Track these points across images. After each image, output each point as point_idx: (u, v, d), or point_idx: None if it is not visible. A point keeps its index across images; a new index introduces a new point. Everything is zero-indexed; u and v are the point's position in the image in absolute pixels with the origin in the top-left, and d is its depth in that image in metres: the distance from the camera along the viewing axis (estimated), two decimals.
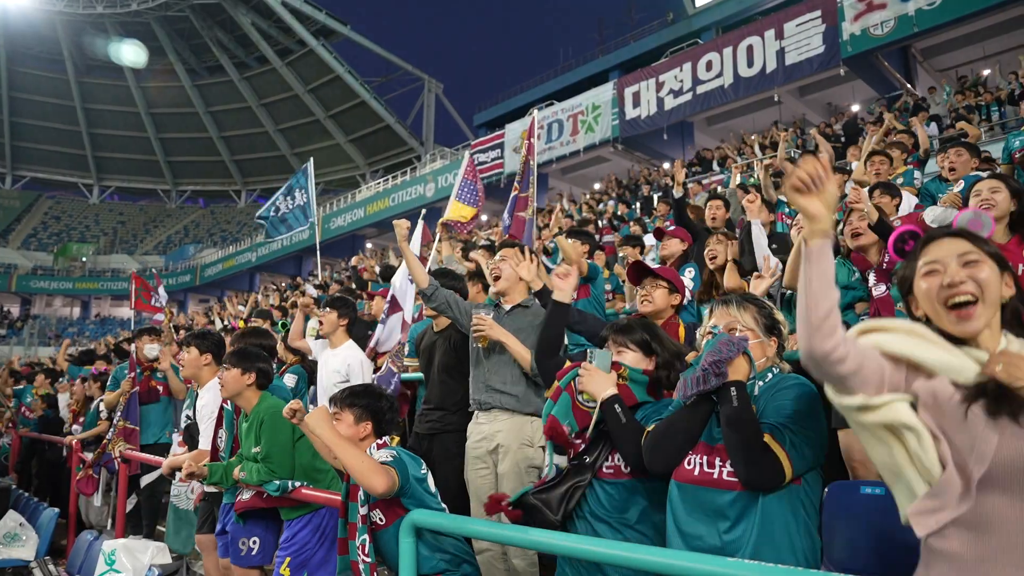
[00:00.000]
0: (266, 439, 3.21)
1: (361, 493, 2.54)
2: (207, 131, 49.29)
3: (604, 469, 2.15)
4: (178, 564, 4.86)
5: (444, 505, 2.72)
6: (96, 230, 48.57)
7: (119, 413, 5.70)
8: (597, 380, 2.17)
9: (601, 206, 16.05)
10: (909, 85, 17.81)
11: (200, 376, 4.05)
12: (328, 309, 4.33)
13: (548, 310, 2.69)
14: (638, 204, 14.96)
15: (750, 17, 20.27)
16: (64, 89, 47.52)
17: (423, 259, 5.96)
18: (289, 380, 5.01)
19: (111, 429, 5.74)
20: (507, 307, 3.42)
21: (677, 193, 5.49)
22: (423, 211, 6.78)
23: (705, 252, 4.32)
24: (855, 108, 17.56)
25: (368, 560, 2.49)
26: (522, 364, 3.18)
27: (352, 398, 2.75)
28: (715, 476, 1.84)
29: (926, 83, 17.93)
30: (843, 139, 13.11)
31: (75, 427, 7.30)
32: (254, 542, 3.38)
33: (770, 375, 1.97)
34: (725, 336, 1.93)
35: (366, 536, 2.52)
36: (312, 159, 11.36)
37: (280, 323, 6.90)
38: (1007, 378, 1.27)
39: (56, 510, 5.97)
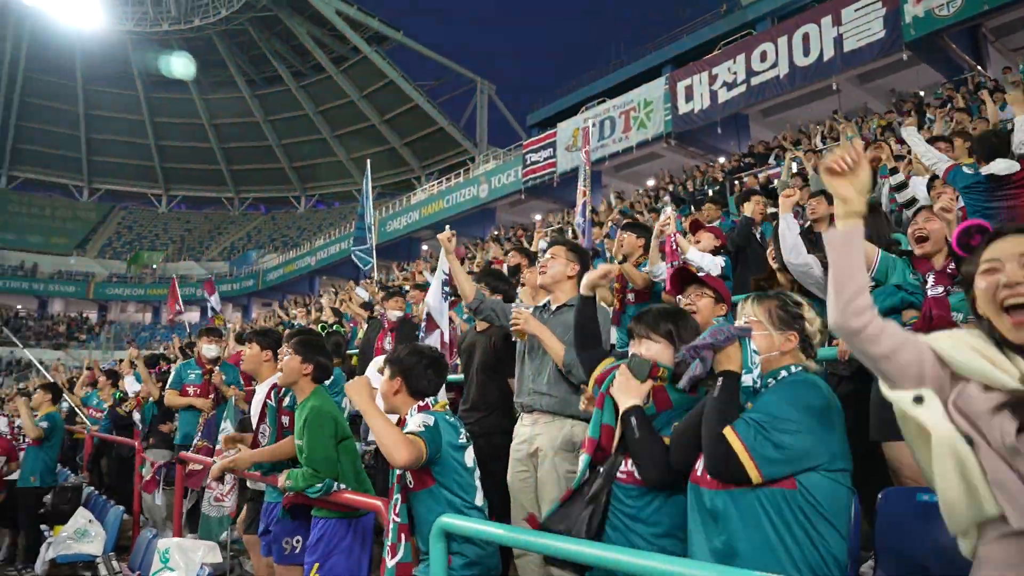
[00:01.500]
0: (308, 439, 3.23)
1: None
2: (267, 139, 50.68)
3: (619, 474, 2.09)
4: (230, 563, 4.99)
5: (478, 483, 2.70)
6: (165, 238, 50.52)
7: (199, 433, 5.83)
8: (625, 388, 2.10)
9: (659, 204, 15.81)
10: (980, 67, 16.97)
11: (260, 372, 4.09)
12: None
13: (579, 304, 2.64)
14: (690, 201, 14.69)
15: (805, 5, 19.68)
16: (134, 104, 49.61)
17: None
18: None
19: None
20: (554, 306, 3.37)
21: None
22: (447, 227, 6.80)
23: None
24: (921, 94, 16.85)
25: (398, 520, 2.55)
26: (556, 360, 3.13)
27: (392, 354, 2.83)
28: (698, 473, 1.81)
29: (999, 64, 17.05)
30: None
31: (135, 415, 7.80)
32: (297, 541, 3.41)
33: (784, 373, 1.86)
34: (723, 324, 1.88)
35: (398, 497, 2.58)
36: (369, 162, 11.60)
37: (323, 325, 7.03)
38: None
39: (122, 508, 6.21)
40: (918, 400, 1.31)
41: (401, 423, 2.71)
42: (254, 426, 3.94)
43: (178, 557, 4.09)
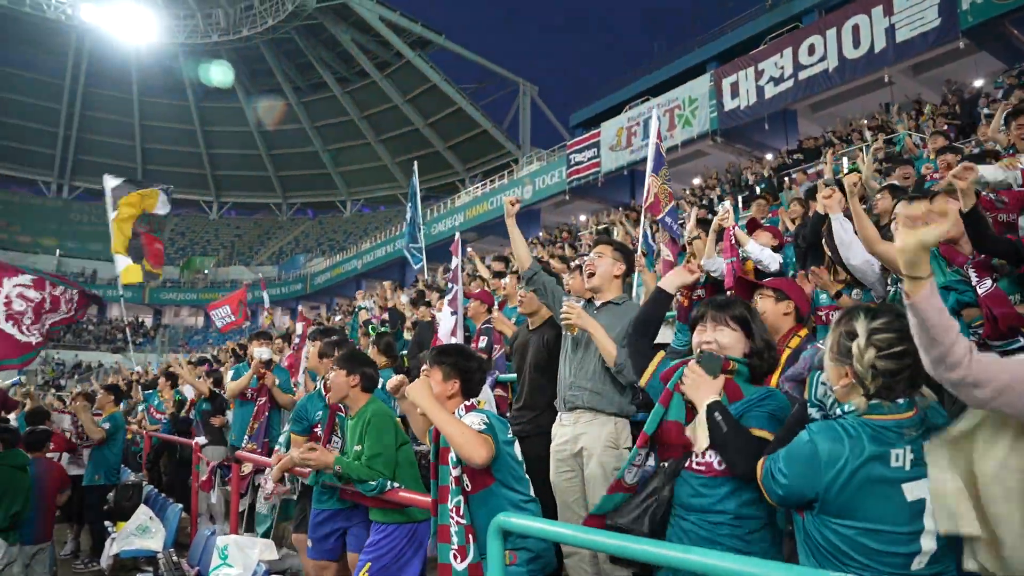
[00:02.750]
0: (371, 440, 3.29)
1: (452, 455, 2.54)
2: (313, 145, 51.56)
3: (695, 464, 2.05)
4: (289, 562, 5.09)
5: (527, 476, 2.71)
6: (216, 244, 51.83)
7: (248, 438, 5.97)
8: (702, 385, 2.06)
9: (706, 201, 15.62)
10: None
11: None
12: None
13: (651, 295, 2.59)
14: (740, 198, 14.47)
15: None
16: (186, 114, 51.02)
17: (454, 273, 6.01)
18: None
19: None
20: (598, 303, 3.37)
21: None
22: (457, 234, 6.89)
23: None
24: (979, 83, 16.28)
25: (463, 522, 2.50)
26: (607, 359, 3.12)
27: (441, 356, 2.78)
28: None
29: None
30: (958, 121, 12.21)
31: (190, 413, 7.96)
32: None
33: (839, 411, 1.84)
34: (810, 352, 1.97)
35: (460, 498, 2.53)
36: (416, 163, 11.80)
37: (372, 327, 7.10)
38: None
39: (180, 506, 6.39)
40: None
41: None
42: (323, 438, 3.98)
43: (236, 554, 4.19)
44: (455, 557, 2.48)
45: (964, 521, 1.52)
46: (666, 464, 2.10)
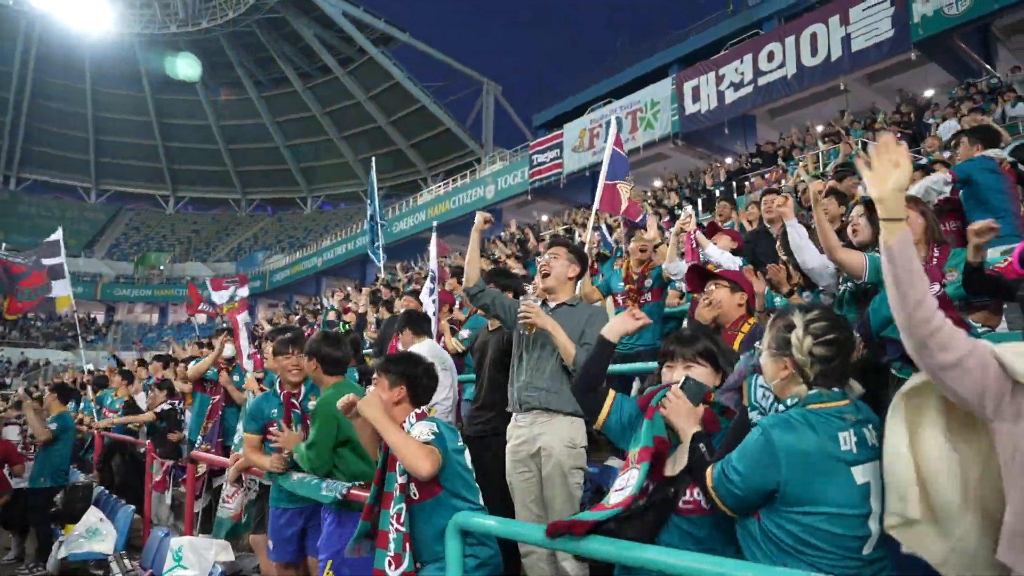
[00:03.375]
0: (313, 429, 3.29)
1: (400, 463, 2.54)
2: (274, 141, 50.83)
3: (682, 504, 2.05)
4: (248, 564, 5.01)
5: (477, 485, 2.70)
6: (172, 239, 50.74)
7: (201, 438, 5.85)
8: (682, 412, 2.08)
9: (666, 202, 15.80)
10: (989, 67, 16.90)
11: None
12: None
13: (594, 346, 2.54)
14: (700, 201, 14.69)
15: (813, 5, 19.63)
16: (142, 106, 49.82)
17: (442, 271, 6.00)
18: None
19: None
20: (552, 305, 3.39)
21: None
22: (434, 223, 6.87)
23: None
24: (929, 93, 16.79)
25: (402, 530, 2.50)
26: (566, 359, 3.13)
27: (388, 363, 2.79)
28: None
29: (1008, 64, 16.98)
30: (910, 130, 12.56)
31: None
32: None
33: (788, 402, 1.87)
34: (744, 361, 1.99)
35: (403, 506, 2.54)
36: (374, 159, 11.74)
37: (343, 323, 7.04)
38: None
39: (132, 507, 6.23)
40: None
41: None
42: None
43: (191, 556, 4.10)
44: (390, 564, 2.48)
45: (911, 506, 1.57)
46: (672, 490, 2.08)
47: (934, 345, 1.41)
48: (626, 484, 2.02)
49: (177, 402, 7.27)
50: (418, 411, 2.71)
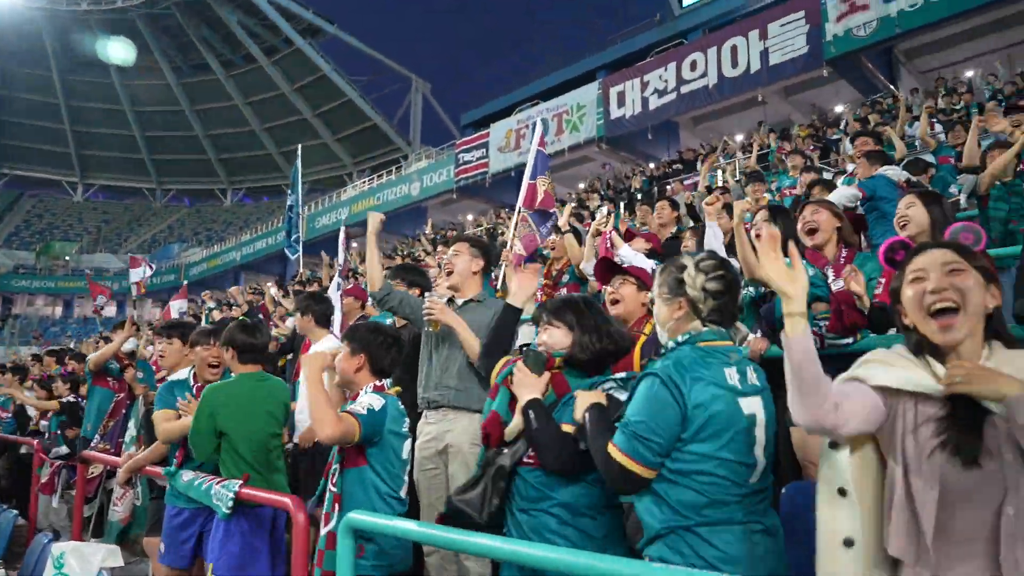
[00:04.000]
0: (193, 418, 3.20)
1: None
2: (193, 129, 49.00)
3: (525, 458, 2.12)
4: (137, 569, 4.76)
5: (406, 477, 2.72)
6: (79, 228, 48.12)
7: (99, 436, 5.54)
8: (524, 383, 2.15)
9: (592, 206, 15.97)
10: (892, 86, 17.84)
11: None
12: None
13: (499, 312, 2.61)
14: (622, 204, 14.90)
15: (735, 18, 20.27)
16: (47, 86, 47.07)
17: (346, 265, 5.91)
18: None
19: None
20: (459, 301, 3.36)
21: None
22: (343, 221, 6.71)
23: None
24: (839, 109, 17.57)
25: (334, 490, 2.57)
26: (470, 354, 3.12)
27: (351, 332, 2.83)
28: None
29: (909, 84, 17.97)
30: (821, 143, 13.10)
31: (43, 422, 7.26)
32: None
33: (679, 339, 1.93)
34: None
35: (337, 467, 2.60)
36: (299, 147, 11.40)
37: (246, 314, 6.81)
38: (961, 388, 1.34)
39: (15, 512, 5.83)
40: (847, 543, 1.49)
41: (355, 397, 2.70)
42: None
43: (74, 562, 3.85)
44: (324, 519, 2.56)
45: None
46: (504, 451, 2.15)
47: (837, 427, 1.46)
48: None
49: (83, 400, 6.88)
50: (377, 383, 2.73)
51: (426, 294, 3.41)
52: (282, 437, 3.43)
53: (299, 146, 10.64)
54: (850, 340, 2.83)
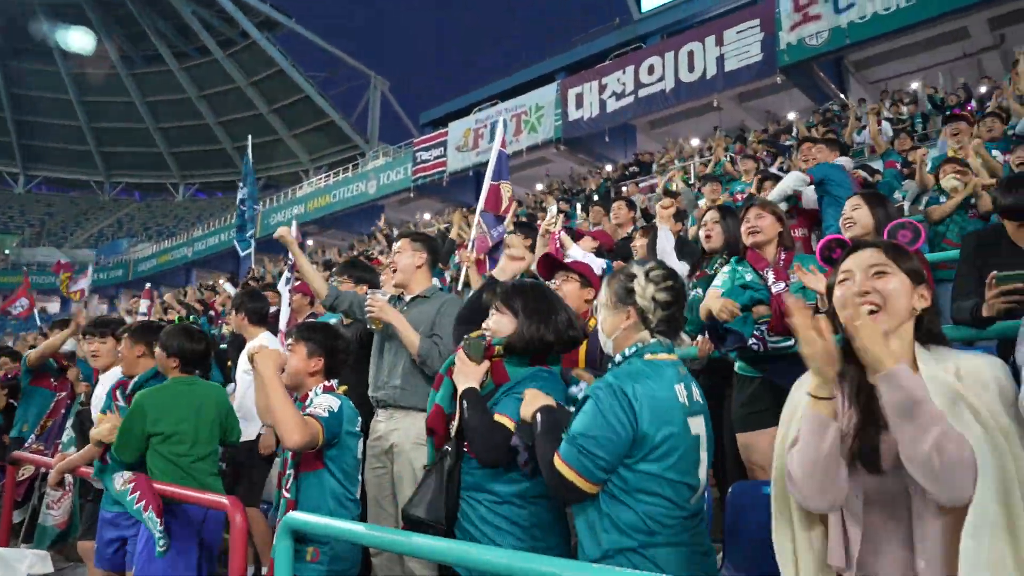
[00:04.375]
0: (124, 417, 3.11)
1: None
2: (144, 122, 47.71)
3: (465, 449, 2.09)
4: (72, 575, 4.58)
5: (360, 478, 2.69)
6: (21, 221, 46.44)
7: (35, 437, 5.32)
8: (463, 371, 2.11)
9: (545, 206, 16.01)
10: (842, 95, 18.30)
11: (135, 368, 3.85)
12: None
13: (480, 287, 2.58)
14: (579, 205, 14.97)
15: (694, 24, 20.56)
16: None
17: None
18: None
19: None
20: (407, 297, 3.32)
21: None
22: (294, 219, 6.61)
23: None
24: (791, 116, 17.95)
25: (288, 496, 2.48)
26: (410, 350, 3.07)
27: (308, 332, 2.71)
28: None
29: (858, 94, 18.45)
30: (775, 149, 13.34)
31: None
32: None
33: (627, 351, 1.88)
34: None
35: (291, 473, 2.50)
36: (250, 138, 11.10)
37: (179, 317, 6.64)
38: (852, 329, 1.35)
39: None
40: None
41: (304, 399, 2.62)
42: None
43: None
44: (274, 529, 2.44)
45: None
46: (448, 447, 2.11)
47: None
48: None
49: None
50: (327, 384, 2.66)
51: (369, 290, 3.33)
52: (217, 440, 3.33)
53: (250, 137, 10.32)
54: (792, 341, 2.85)
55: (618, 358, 1.90)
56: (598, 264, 4.75)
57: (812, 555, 1.44)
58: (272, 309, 5.46)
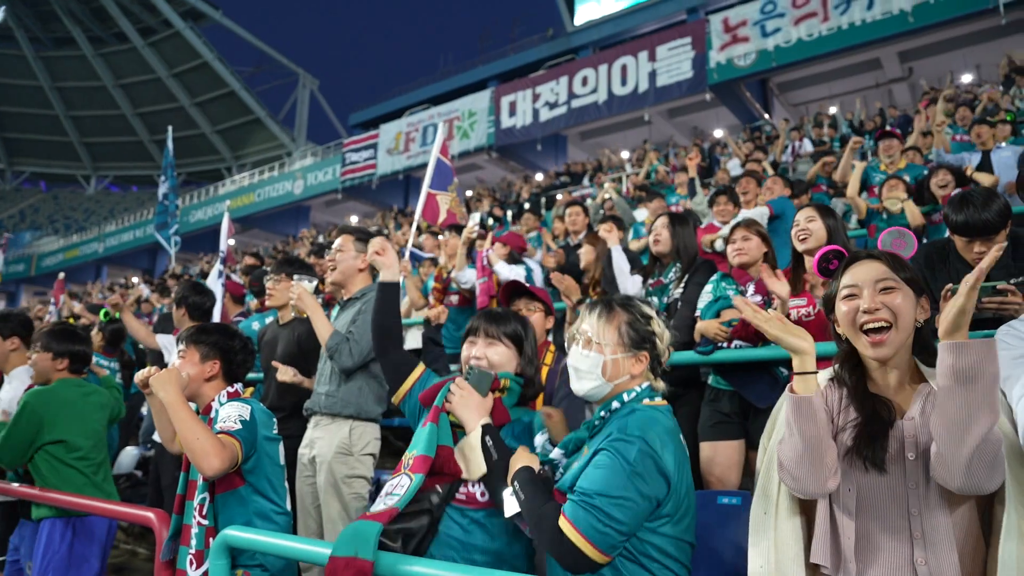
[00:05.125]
0: (10, 421, 2.87)
1: None
2: (53, 108, 45.21)
3: (457, 495, 1.85)
4: None
5: (287, 486, 2.43)
6: None
7: None
8: (471, 405, 1.86)
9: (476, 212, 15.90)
10: (767, 115, 18.97)
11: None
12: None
13: (376, 294, 2.32)
14: (509, 213, 14.93)
15: (626, 39, 20.93)
16: None
17: (229, 254, 5.59)
18: None
19: None
20: (345, 297, 3.16)
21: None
22: (227, 202, 6.41)
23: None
24: (718, 134, 18.48)
25: (205, 523, 2.19)
26: (320, 341, 2.93)
27: (199, 334, 2.45)
28: None
29: (781, 115, 19.17)
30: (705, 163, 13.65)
31: None
32: None
33: (616, 404, 1.68)
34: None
35: (206, 495, 2.21)
36: (170, 128, 10.58)
37: (104, 312, 6.21)
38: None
39: None
40: None
41: (207, 410, 2.37)
42: None
43: None
44: (191, 563, 2.15)
45: None
46: (439, 489, 1.86)
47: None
48: (393, 490, 1.79)
49: None
50: (230, 390, 2.42)
51: (296, 277, 3.14)
52: (106, 447, 3.11)
53: (170, 129, 9.82)
54: (754, 345, 2.82)
55: (615, 404, 1.69)
56: (518, 273, 4.76)
57: (792, 550, 1.44)
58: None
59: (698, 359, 2.85)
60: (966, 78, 15.86)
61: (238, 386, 2.45)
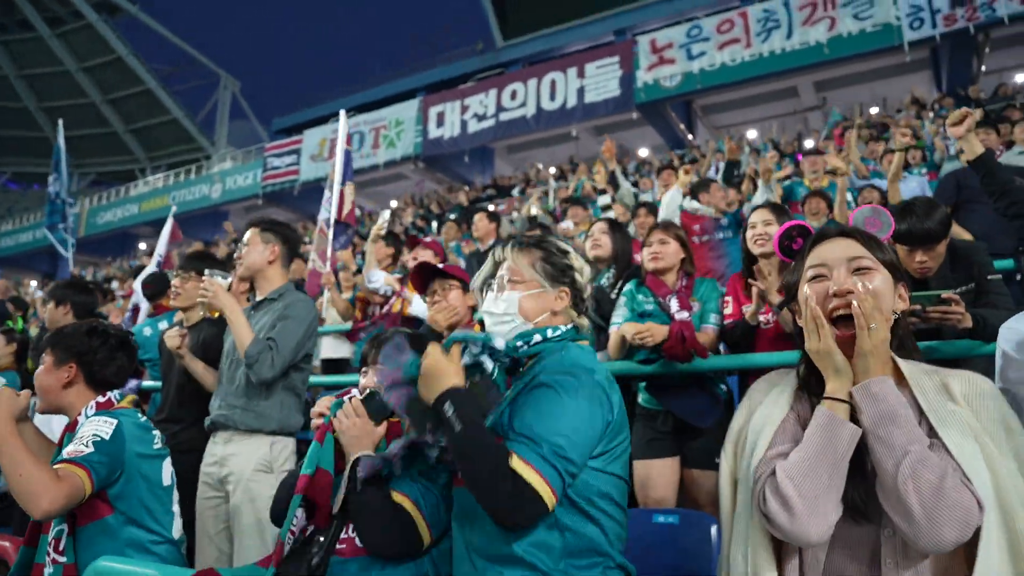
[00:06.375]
0: None
1: None
2: None
3: (337, 545, 1.63)
4: None
5: (176, 508, 2.13)
6: None
7: None
8: (357, 433, 1.69)
9: (399, 222, 15.67)
10: (691, 136, 19.47)
11: None
12: None
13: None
14: (435, 223, 14.76)
15: (555, 56, 21.14)
16: None
17: (168, 258, 5.29)
18: None
19: None
20: (259, 297, 2.89)
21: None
22: (173, 207, 6.12)
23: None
24: (644, 153, 18.84)
25: (62, 560, 1.88)
26: (239, 348, 2.62)
27: (54, 337, 2.16)
28: None
29: (704, 136, 19.71)
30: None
31: None
32: None
33: (550, 332, 1.56)
34: (396, 338, 1.59)
35: (64, 527, 1.91)
36: (61, 121, 9.85)
37: (9, 321, 5.72)
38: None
39: None
40: None
41: (74, 426, 2.06)
42: None
43: None
44: None
45: None
46: (321, 538, 1.64)
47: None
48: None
49: None
50: (100, 399, 2.13)
51: (207, 272, 2.83)
52: None
53: (60, 121, 9.11)
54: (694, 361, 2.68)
55: (536, 337, 1.54)
56: (386, 279, 4.70)
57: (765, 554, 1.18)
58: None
59: (639, 369, 2.73)
60: (874, 110, 16.70)
61: (112, 394, 2.16)
